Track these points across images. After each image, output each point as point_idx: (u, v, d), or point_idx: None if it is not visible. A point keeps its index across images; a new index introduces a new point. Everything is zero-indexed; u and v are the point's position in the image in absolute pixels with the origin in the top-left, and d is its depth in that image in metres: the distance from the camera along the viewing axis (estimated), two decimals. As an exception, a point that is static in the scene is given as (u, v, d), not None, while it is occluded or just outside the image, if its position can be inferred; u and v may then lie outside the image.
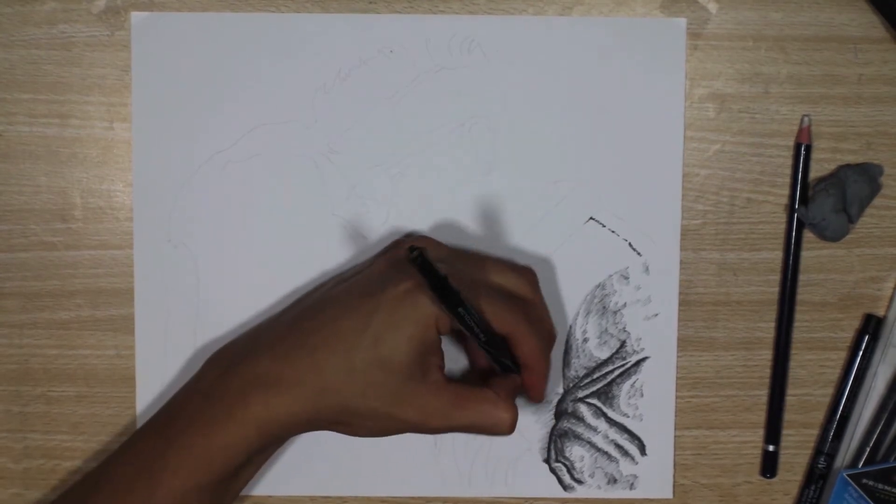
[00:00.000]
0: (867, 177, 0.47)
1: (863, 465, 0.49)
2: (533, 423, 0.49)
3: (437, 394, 0.42)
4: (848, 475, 0.47)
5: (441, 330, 0.42)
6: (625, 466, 0.50)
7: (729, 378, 0.50)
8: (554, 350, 0.49)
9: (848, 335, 0.50)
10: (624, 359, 0.49)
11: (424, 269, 0.39)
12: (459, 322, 0.41)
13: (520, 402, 0.48)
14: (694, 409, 0.50)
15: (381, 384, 0.41)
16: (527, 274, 0.46)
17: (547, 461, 0.50)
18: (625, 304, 0.49)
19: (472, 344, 0.44)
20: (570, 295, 0.49)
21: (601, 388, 0.49)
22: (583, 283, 0.49)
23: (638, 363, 0.49)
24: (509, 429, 0.43)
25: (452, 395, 0.42)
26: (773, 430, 0.49)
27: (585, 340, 0.49)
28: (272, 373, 0.41)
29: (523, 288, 0.45)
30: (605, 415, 0.49)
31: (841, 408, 0.49)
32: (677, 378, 0.49)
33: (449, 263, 0.42)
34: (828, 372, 0.50)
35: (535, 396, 0.46)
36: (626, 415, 0.49)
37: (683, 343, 0.49)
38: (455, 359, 0.49)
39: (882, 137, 0.49)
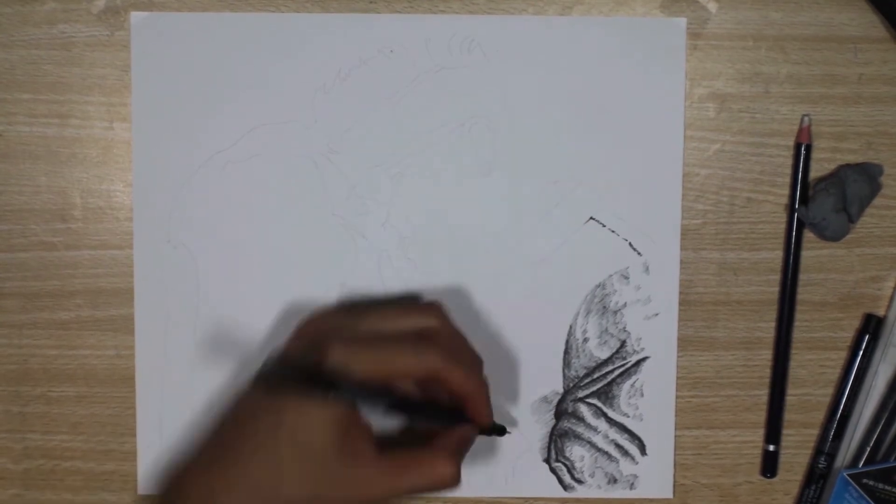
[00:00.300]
0: (867, 176, 0.47)
1: (863, 465, 0.49)
2: (533, 423, 0.49)
3: (370, 469, 0.40)
4: (848, 475, 0.47)
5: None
6: (625, 466, 0.50)
7: (729, 378, 0.50)
8: (554, 349, 0.49)
9: (848, 335, 0.50)
10: (624, 359, 0.49)
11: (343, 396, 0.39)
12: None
13: (517, 401, 0.48)
14: (694, 409, 0.50)
15: (309, 472, 0.39)
16: (432, 309, 0.44)
17: (547, 461, 0.50)
18: (625, 304, 0.49)
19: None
20: (570, 295, 0.49)
21: (601, 387, 0.49)
22: (583, 282, 0.49)
23: (638, 363, 0.49)
24: (453, 483, 0.41)
25: (387, 466, 0.40)
26: (773, 430, 0.49)
27: (585, 340, 0.49)
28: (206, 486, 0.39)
29: (434, 324, 0.44)
30: (605, 415, 0.49)
31: (841, 407, 0.49)
32: (677, 378, 0.49)
33: (348, 329, 0.41)
34: (828, 372, 0.50)
35: (483, 422, 0.44)
36: (626, 415, 0.49)
37: (683, 343, 0.49)
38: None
39: (882, 137, 0.49)
